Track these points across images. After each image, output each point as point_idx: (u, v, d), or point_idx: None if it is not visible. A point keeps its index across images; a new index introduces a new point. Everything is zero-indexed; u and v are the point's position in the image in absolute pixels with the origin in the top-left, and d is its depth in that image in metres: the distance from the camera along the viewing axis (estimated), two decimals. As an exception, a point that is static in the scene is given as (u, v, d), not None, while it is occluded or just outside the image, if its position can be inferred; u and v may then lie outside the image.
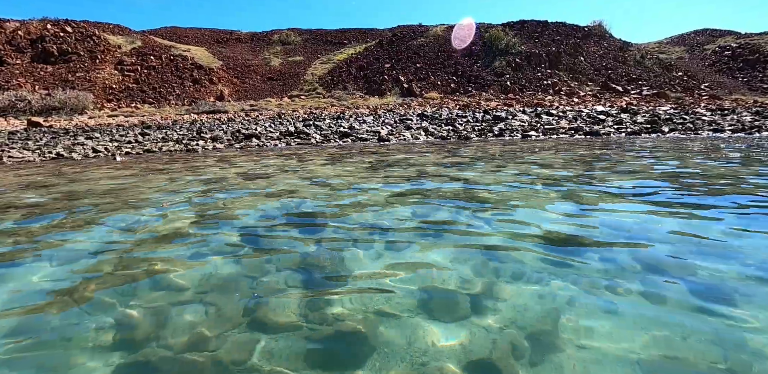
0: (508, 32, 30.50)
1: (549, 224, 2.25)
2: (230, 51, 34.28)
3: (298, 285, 1.62)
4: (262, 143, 8.64)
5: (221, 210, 2.85)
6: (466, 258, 1.82)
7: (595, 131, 9.49)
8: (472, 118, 12.92)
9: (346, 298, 1.47)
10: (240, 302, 1.49)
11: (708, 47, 31.73)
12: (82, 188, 3.99)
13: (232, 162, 5.87)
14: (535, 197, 2.96)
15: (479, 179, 3.76)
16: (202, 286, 1.64)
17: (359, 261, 1.83)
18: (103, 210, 2.99)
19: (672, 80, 26.25)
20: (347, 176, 4.14)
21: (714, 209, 2.54)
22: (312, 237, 2.20)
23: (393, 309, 1.39)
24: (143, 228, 2.47)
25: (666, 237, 2.04)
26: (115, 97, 25.06)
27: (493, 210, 2.58)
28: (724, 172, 3.88)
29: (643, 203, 2.72)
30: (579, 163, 4.73)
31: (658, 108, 16.45)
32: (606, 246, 1.92)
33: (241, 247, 2.06)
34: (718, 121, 10.75)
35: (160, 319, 1.38)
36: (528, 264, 1.74)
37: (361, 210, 2.69)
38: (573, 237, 2.04)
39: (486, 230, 2.20)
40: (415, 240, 2.06)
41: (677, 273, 1.62)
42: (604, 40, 32.18)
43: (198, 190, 3.64)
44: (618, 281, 1.56)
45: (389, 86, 26.65)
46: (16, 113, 21.51)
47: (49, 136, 12.76)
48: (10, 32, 27.21)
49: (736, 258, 1.76)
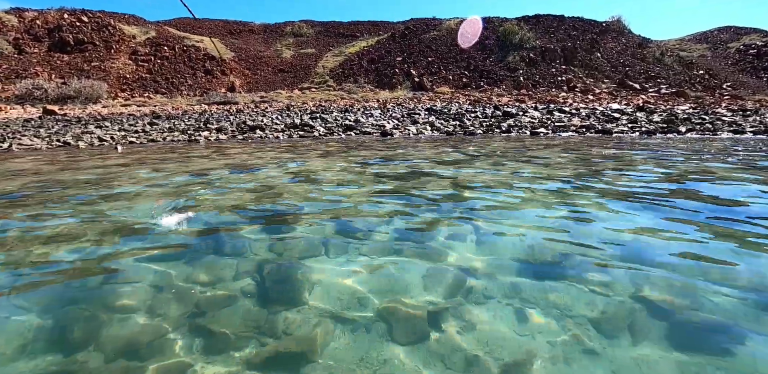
0: (523, 26, 29.85)
1: (537, 238, 2.01)
2: (243, 42, 34.30)
3: (251, 291, 1.52)
4: (265, 135, 8.59)
5: (190, 204, 2.77)
6: (437, 274, 1.65)
7: (607, 130, 9.20)
8: (481, 114, 12.68)
9: (300, 309, 1.37)
10: (185, 307, 1.40)
11: (732, 45, 30.59)
12: (65, 177, 3.98)
13: (227, 154, 5.83)
14: (527, 202, 2.72)
15: (472, 179, 3.58)
16: (146, 289, 1.55)
17: (320, 269, 1.70)
18: (71, 200, 2.96)
19: (692, 79, 25.41)
20: (334, 172, 4.02)
21: (726, 222, 2.22)
22: (275, 238, 2.06)
23: (349, 324, 1.29)
24: (100, 221, 2.40)
25: (668, 259, 1.76)
26: (128, 87, 25.33)
27: (478, 217, 2.36)
28: (741, 176, 3.64)
29: (646, 213, 2.45)
30: (583, 163, 4.50)
31: (676, 107, 15.94)
32: (597, 268, 1.67)
33: (198, 246, 1.97)
34: (739, 122, 10.33)
35: (95, 323, 1.31)
36: (505, 288, 1.52)
37: (336, 211, 2.55)
38: (561, 255, 1.80)
39: (465, 242, 1.98)
40: (385, 250, 1.89)
41: (677, 310, 1.37)
42: (623, 36, 31.27)
43: (177, 181, 3.59)
44: (603, 318, 1.32)
45: (400, 80, 26.37)
46: (33, 101, 21.90)
47: (61, 124, 12.94)
48: (28, 21, 27.63)
49: (750, 288, 1.50)
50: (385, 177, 3.72)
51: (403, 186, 3.25)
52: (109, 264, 1.78)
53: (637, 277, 1.59)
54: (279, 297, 1.50)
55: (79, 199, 2.98)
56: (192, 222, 2.34)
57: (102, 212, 2.60)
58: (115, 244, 2.01)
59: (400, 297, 1.46)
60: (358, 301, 1.43)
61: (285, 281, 1.63)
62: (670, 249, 1.86)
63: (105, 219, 2.45)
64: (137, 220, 2.40)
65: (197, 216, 2.47)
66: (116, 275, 1.67)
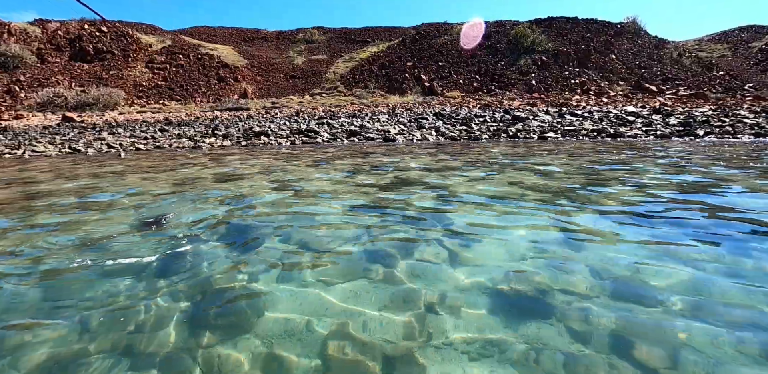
0: (535, 29, 29.49)
1: (516, 269, 1.75)
2: (256, 49, 34.87)
3: (192, 317, 1.40)
4: (268, 141, 8.59)
5: (160, 216, 2.68)
6: (399, 309, 1.45)
7: (619, 133, 8.90)
8: (490, 118, 12.47)
9: (244, 341, 1.25)
10: (114, 325, 1.31)
11: (754, 45, 29.55)
12: (53, 187, 4.01)
13: (221, 161, 5.82)
14: (514, 221, 2.43)
15: (460, 191, 3.29)
16: (80, 306, 1.47)
17: (271, 294, 1.56)
18: (42, 210, 2.93)
19: (712, 80, 24.60)
20: (318, 182, 3.88)
21: (735, 244, 1.87)
22: (229, 257, 1.92)
23: (293, 363, 1.17)
24: (62, 229, 2.34)
25: (666, 297, 1.47)
26: (144, 94, 25.96)
27: (456, 239, 2.12)
28: (763, 185, 3.32)
29: (647, 236, 2.11)
30: (585, 172, 4.16)
31: (694, 109, 15.38)
32: (577, 311, 1.41)
33: (145, 263, 1.87)
34: (762, 124, 9.86)
35: (13, 339, 1.24)
36: (472, 329, 1.32)
37: (306, 225, 2.39)
38: (541, 291, 1.56)
39: (437, 272, 1.76)
40: (346, 275, 1.73)
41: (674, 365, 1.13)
42: (639, 37, 30.57)
43: (156, 192, 3.55)
44: (577, 370, 1.12)
45: (410, 85, 26.32)
46: (54, 109, 22.65)
47: (77, 131, 13.28)
48: (51, 32, 28.69)
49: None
50: (369, 187, 3.53)
51: (385, 199, 3.05)
52: (46, 275, 1.72)
53: (623, 325, 1.33)
54: (218, 325, 1.38)
55: (55, 208, 2.97)
56: (149, 237, 2.25)
57: (68, 223, 2.56)
58: (62, 256, 1.95)
59: (355, 333, 1.30)
60: (304, 333, 1.30)
61: (228, 307, 1.49)
62: (670, 289, 1.54)
63: (66, 229, 2.41)
64: (97, 232, 2.35)
65: (156, 230, 2.39)
66: (53, 287, 1.60)
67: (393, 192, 3.29)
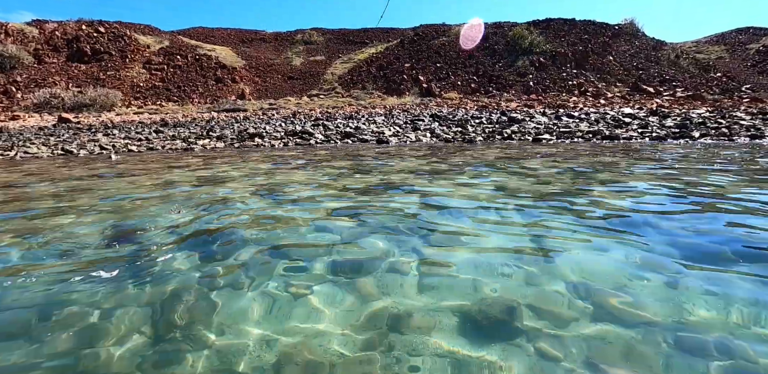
0: (533, 31, 29.52)
1: (486, 284, 1.64)
2: (254, 50, 34.85)
3: (144, 329, 1.35)
4: (261, 143, 8.56)
5: (125, 222, 2.62)
6: (362, 329, 1.37)
7: (615, 135, 8.88)
8: (486, 120, 12.45)
9: (198, 354, 1.21)
10: (70, 338, 1.27)
11: (751, 47, 29.59)
12: (34, 189, 3.97)
13: (209, 163, 5.77)
14: (492, 230, 2.32)
15: (442, 197, 3.19)
16: (30, 312, 1.43)
17: (231, 305, 1.51)
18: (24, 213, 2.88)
19: (710, 81, 24.62)
20: (300, 185, 3.82)
21: (719, 259, 1.77)
22: (195, 266, 1.86)
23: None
24: (30, 233, 2.30)
25: (650, 320, 1.35)
26: (141, 95, 25.91)
27: (430, 249, 2.04)
28: (753, 192, 3.21)
29: (630, 248, 1.99)
30: (573, 176, 4.07)
31: (691, 111, 15.37)
32: (548, 335, 1.31)
33: (109, 269, 1.82)
34: (758, 126, 9.84)
35: None
36: (437, 349, 1.24)
37: (279, 233, 2.32)
38: (509, 309, 1.44)
39: (403, 284, 1.69)
40: (310, 285, 1.67)
41: None
42: (636, 38, 30.62)
43: (135, 196, 3.50)
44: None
45: (408, 86, 26.31)
46: (50, 109, 22.57)
47: (72, 132, 13.22)
48: (48, 33, 28.64)
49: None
50: (350, 192, 3.47)
51: (364, 205, 2.98)
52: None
53: (597, 348, 1.24)
54: (172, 337, 1.33)
55: (28, 213, 2.93)
56: (113, 243, 2.20)
57: (33, 227, 2.51)
58: (21, 260, 1.91)
59: (314, 350, 1.25)
60: (263, 348, 1.25)
61: (186, 318, 1.44)
62: (650, 308, 1.43)
63: (34, 233, 2.36)
64: (62, 237, 2.30)
65: (122, 236, 2.33)
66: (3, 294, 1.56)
67: (374, 198, 3.21)
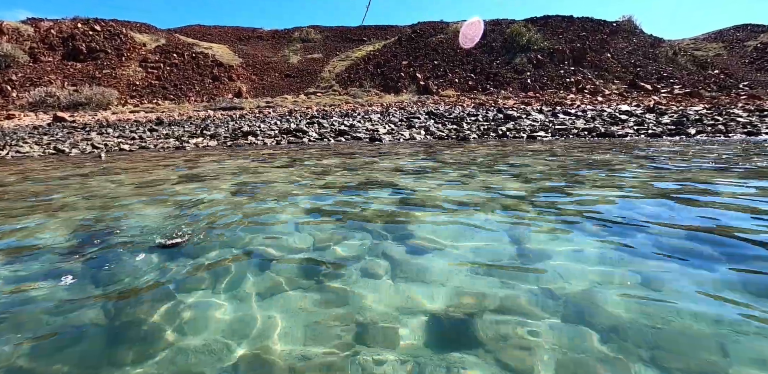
0: (531, 28, 29.42)
1: (460, 288, 1.59)
2: (251, 48, 34.68)
3: (107, 332, 1.31)
4: (254, 141, 8.51)
5: (104, 222, 2.58)
6: (327, 336, 1.30)
7: (610, 132, 8.84)
8: (482, 117, 12.39)
9: (158, 358, 1.17)
10: (31, 342, 1.24)
11: (749, 44, 29.54)
12: (17, 188, 3.95)
13: (197, 162, 5.72)
14: (475, 230, 2.26)
15: (426, 196, 3.11)
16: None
17: (196, 308, 1.47)
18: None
19: (707, 78, 24.58)
20: (285, 184, 3.78)
21: (702, 261, 1.70)
22: (163, 268, 1.82)
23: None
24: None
25: (622, 324, 1.30)
26: (138, 94, 25.78)
27: (409, 251, 1.98)
28: (743, 190, 3.17)
29: (612, 249, 1.93)
30: (563, 173, 4.02)
31: (688, 108, 15.33)
32: (523, 344, 1.25)
33: (74, 271, 1.79)
34: (754, 123, 9.80)
35: None
36: (404, 353, 1.20)
37: (253, 234, 2.26)
38: (482, 313, 1.39)
39: (378, 287, 1.63)
40: (279, 288, 1.61)
41: None
42: (634, 35, 30.53)
43: (114, 194, 3.47)
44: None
45: (406, 84, 26.22)
46: (46, 108, 22.45)
47: (66, 131, 13.14)
48: (44, 31, 28.45)
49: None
50: (334, 190, 3.42)
51: (347, 203, 2.94)
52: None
53: (570, 356, 1.17)
54: (133, 339, 1.29)
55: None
56: (83, 244, 2.16)
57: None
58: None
59: (278, 354, 1.21)
60: (224, 352, 1.21)
61: (147, 319, 1.41)
62: (626, 314, 1.36)
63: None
64: (31, 238, 2.27)
65: (97, 234, 2.30)
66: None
67: (356, 197, 3.16)
